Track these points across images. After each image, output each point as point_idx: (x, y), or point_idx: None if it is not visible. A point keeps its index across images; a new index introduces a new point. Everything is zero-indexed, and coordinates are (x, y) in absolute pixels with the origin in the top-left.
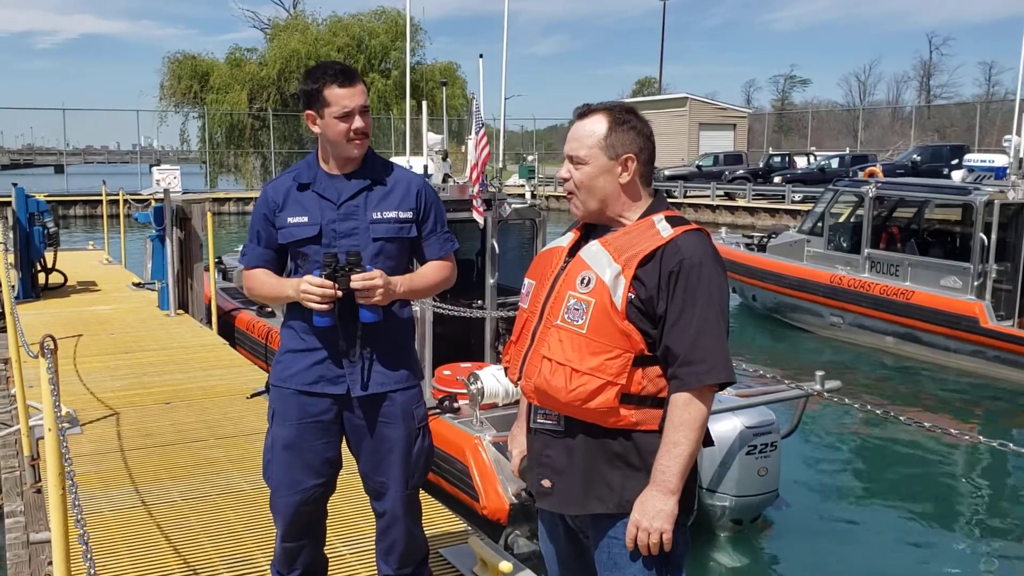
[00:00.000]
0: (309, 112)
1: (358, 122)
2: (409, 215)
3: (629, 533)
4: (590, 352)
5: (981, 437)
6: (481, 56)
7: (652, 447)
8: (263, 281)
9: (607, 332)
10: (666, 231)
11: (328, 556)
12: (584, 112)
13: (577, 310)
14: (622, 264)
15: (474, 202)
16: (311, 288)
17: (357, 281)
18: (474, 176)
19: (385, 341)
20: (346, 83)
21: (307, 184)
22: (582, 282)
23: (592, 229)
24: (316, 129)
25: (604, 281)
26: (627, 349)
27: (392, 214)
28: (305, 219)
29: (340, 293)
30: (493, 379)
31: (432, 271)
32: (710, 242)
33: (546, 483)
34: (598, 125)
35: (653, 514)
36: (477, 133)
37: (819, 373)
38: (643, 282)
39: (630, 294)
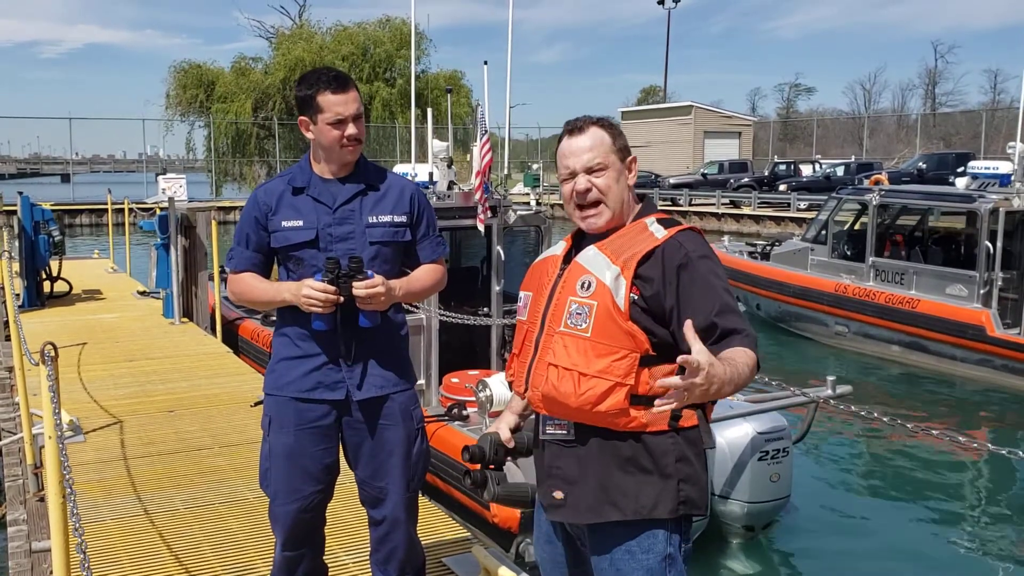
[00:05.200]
0: (303, 118)
1: (351, 129)
2: (403, 219)
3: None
4: (596, 355)
5: (990, 444)
6: (486, 63)
7: (663, 449)
8: (253, 285)
9: (612, 334)
10: (660, 232)
11: (329, 563)
12: (580, 126)
13: (580, 314)
14: (621, 265)
15: (477, 209)
16: (314, 293)
17: (361, 288)
18: (477, 183)
19: (382, 344)
20: (339, 90)
21: (302, 188)
22: (582, 286)
23: (582, 238)
24: (309, 135)
25: (605, 283)
26: (633, 349)
27: (387, 218)
28: (300, 223)
29: (342, 299)
30: (502, 386)
31: (426, 274)
32: (706, 240)
33: (558, 495)
34: (602, 134)
35: (716, 379)
36: (481, 139)
37: (830, 378)
38: (645, 280)
39: (632, 294)
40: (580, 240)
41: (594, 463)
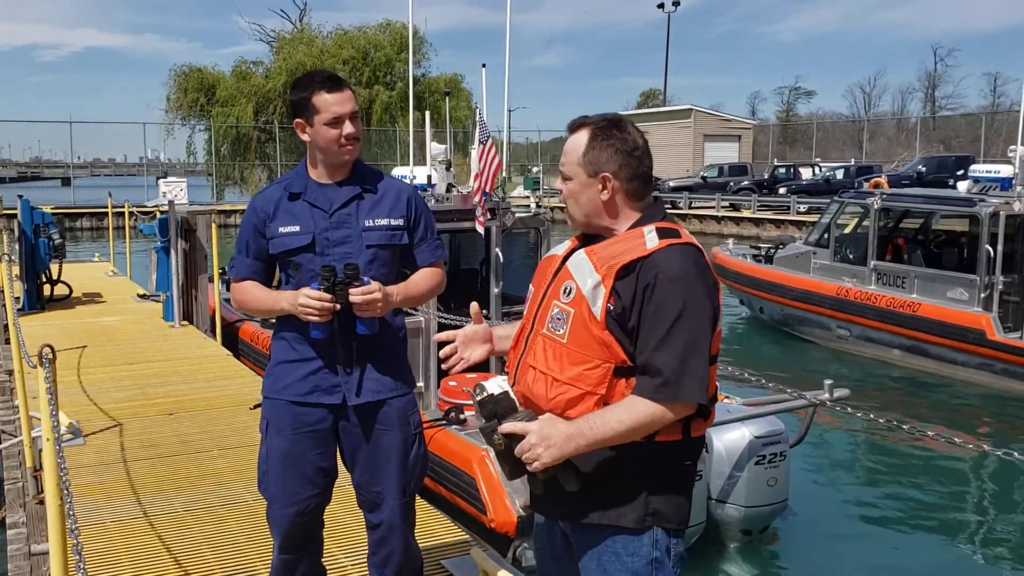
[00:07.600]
0: (298, 120)
1: (348, 127)
2: (400, 222)
3: (523, 444)
4: (570, 362)
5: (987, 447)
6: (484, 66)
7: (635, 459)
8: (254, 294)
9: (586, 343)
10: (652, 243)
11: (327, 566)
12: (575, 126)
13: (559, 319)
14: (603, 274)
15: (476, 211)
16: (310, 302)
17: (357, 295)
18: (476, 186)
19: (380, 349)
20: (334, 89)
21: (298, 194)
22: (565, 292)
23: (590, 238)
24: (306, 137)
25: (583, 292)
26: (606, 359)
27: (384, 221)
28: (297, 228)
29: (339, 307)
30: (499, 389)
31: (424, 278)
32: (697, 256)
33: (537, 489)
34: (579, 141)
35: (550, 441)
36: (485, 143)
37: (827, 382)
38: (619, 294)
39: (609, 304)
40: (587, 240)
41: (568, 465)
